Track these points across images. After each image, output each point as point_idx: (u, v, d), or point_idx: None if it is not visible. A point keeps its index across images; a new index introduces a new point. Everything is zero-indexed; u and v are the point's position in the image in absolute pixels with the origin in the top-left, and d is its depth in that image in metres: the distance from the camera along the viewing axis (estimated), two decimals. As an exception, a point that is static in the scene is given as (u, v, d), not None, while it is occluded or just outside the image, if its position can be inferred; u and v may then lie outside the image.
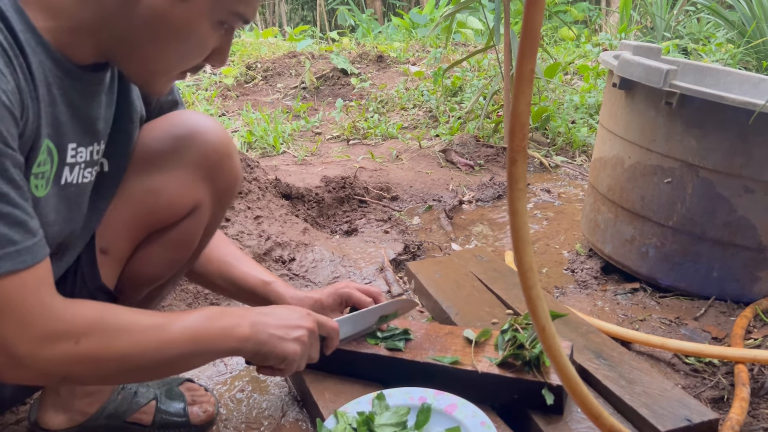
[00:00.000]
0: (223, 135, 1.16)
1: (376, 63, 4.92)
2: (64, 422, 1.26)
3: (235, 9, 0.92)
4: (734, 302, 1.81)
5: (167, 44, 0.91)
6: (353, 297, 1.36)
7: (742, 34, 4.65)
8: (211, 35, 0.93)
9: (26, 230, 0.82)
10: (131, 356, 0.93)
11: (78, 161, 0.98)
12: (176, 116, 1.17)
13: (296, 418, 1.40)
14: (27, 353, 0.83)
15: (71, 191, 0.99)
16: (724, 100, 1.61)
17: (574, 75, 4.46)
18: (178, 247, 1.18)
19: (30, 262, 0.82)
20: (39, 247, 0.84)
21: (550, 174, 3.04)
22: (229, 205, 1.26)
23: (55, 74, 0.89)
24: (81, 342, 0.87)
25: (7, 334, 0.82)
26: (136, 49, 0.92)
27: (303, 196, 2.48)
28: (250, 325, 1.05)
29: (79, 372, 0.90)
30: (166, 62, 0.94)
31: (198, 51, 0.94)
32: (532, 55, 0.72)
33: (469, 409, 1.21)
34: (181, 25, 0.90)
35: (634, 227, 1.90)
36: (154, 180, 1.11)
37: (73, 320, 0.88)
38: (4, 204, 0.79)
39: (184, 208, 1.14)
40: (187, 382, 1.40)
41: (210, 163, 1.14)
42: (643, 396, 1.26)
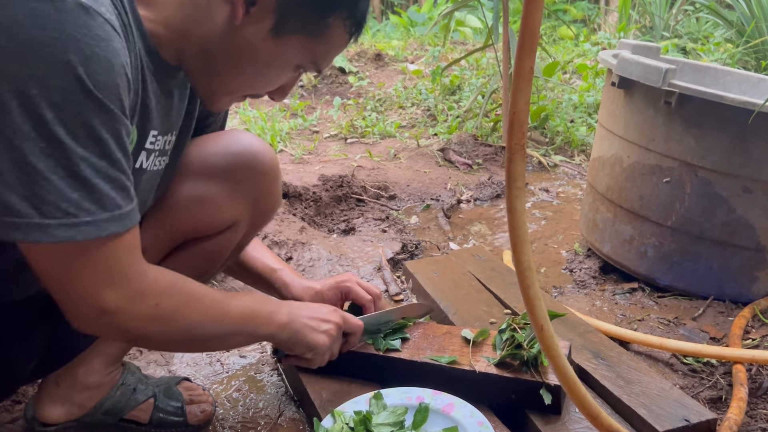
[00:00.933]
0: (274, 161, 1.23)
1: (375, 61, 4.91)
2: (62, 416, 1.26)
3: (315, 59, 0.99)
4: (732, 302, 1.81)
5: (245, 72, 0.98)
6: (353, 292, 1.40)
7: (740, 33, 4.65)
8: (286, 75, 1.01)
9: (128, 195, 0.88)
10: (198, 323, 1.00)
11: (155, 148, 1.03)
12: (235, 134, 1.23)
13: (293, 418, 1.39)
14: (116, 308, 0.89)
15: (144, 177, 1.03)
16: (723, 100, 1.60)
17: (572, 74, 4.46)
18: (209, 258, 1.23)
19: (129, 226, 0.88)
20: (136, 212, 0.90)
21: (549, 173, 3.03)
22: (263, 227, 1.33)
23: (146, 62, 0.94)
24: (161, 304, 0.94)
25: (101, 290, 0.88)
26: (214, 68, 0.97)
27: (300, 195, 2.47)
28: (288, 313, 1.13)
29: (154, 332, 0.95)
30: (236, 86, 1.01)
31: (268, 84, 1.01)
32: (531, 53, 0.71)
33: (466, 409, 1.21)
34: (265, 60, 0.96)
35: (633, 227, 1.89)
36: (203, 190, 1.17)
37: (156, 282, 0.94)
38: (115, 169, 0.85)
39: (224, 222, 1.19)
40: (185, 382, 1.40)
41: (258, 185, 1.21)
42: (641, 396, 1.26)
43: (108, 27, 0.81)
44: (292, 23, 0.94)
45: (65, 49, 0.77)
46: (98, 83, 0.80)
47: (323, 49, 0.99)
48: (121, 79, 0.83)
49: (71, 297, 0.88)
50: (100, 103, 0.81)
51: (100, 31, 0.80)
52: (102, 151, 0.83)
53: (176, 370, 1.55)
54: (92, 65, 0.79)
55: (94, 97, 0.80)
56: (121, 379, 1.30)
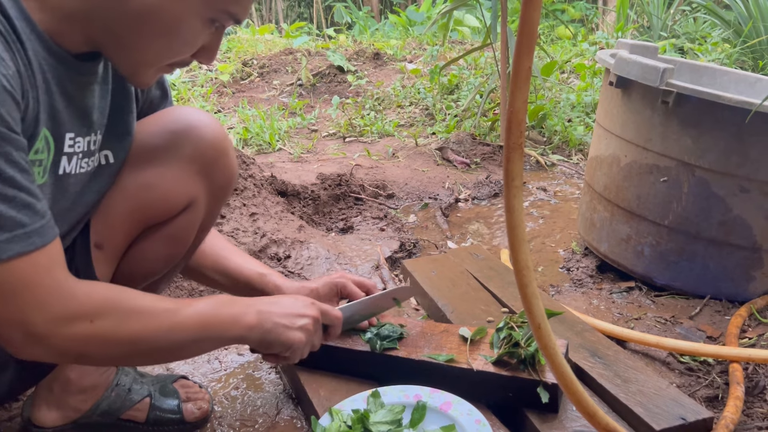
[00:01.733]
0: (219, 131, 1.16)
1: (373, 60, 4.91)
2: (58, 419, 1.25)
3: (226, 8, 0.92)
4: (729, 301, 1.82)
5: (156, 38, 0.91)
6: (347, 288, 1.37)
7: (738, 33, 4.66)
8: (201, 32, 0.94)
9: (34, 212, 0.83)
10: (143, 338, 0.95)
11: (76, 151, 0.99)
12: (172, 111, 1.17)
13: (291, 416, 1.39)
14: (44, 332, 0.85)
15: (70, 182, 0.99)
16: (721, 100, 1.61)
17: (570, 74, 4.47)
18: (174, 242, 1.18)
19: (39, 244, 0.84)
20: (48, 228, 0.86)
21: (547, 172, 3.04)
22: (224, 202, 1.27)
23: (48, 62, 0.90)
24: (96, 322, 0.89)
25: (25, 314, 0.84)
26: (125, 40, 0.92)
27: (299, 194, 2.47)
28: (257, 313, 1.07)
29: (93, 352, 0.92)
30: (153, 55, 0.94)
31: (186, 47, 0.94)
32: (529, 52, 0.71)
33: (464, 407, 1.21)
34: (172, 20, 0.90)
35: (630, 226, 1.90)
36: (149, 175, 1.11)
37: (88, 300, 0.90)
38: (9, 187, 0.80)
39: (179, 203, 1.14)
40: (182, 379, 1.40)
41: (206, 159, 1.14)
42: (638, 394, 1.26)
43: None
44: None
45: None
46: None
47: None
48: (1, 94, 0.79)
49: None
50: None
51: None
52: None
53: (174, 368, 1.55)
54: None
55: None
56: (116, 379, 1.29)
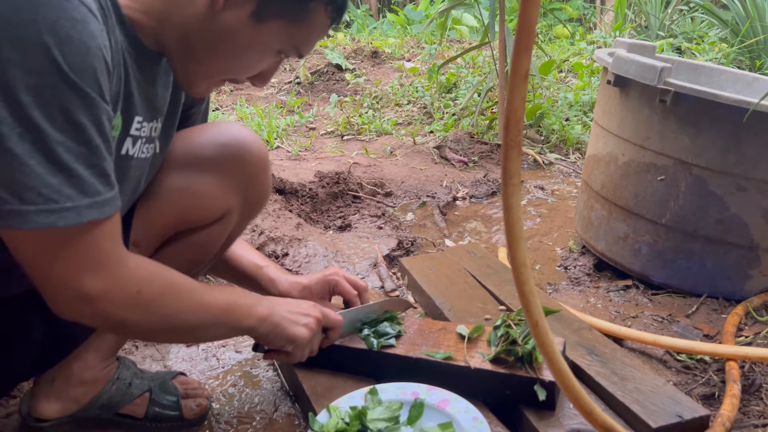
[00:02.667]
0: (263, 150, 1.22)
1: (371, 59, 4.91)
2: (57, 411, 1.26)
3: (297, 44, 0.99)
4: (726, 300, 1.82)
5: (224, 57, 0.97)
6: (340, 285, 1.40)
7: (735, 33, 4.67)
8: (267, 60, 1.00)
9: (109, 182, 0.87)
10: (178, 312, 1.00)
11: (141, 135, 1.02)
12: (223, 125, 1.23)
13: (288, 413, 1.40)
14: (96, 294, 0.89)
15: (130, 164, 1.02)
16: (718, 98, 1.61)
17: (568, 73, 4.47)
18: (201, 249, 1.23)
19: (110, 212, 0.88)
20: (116, 199, 0.89)
21: (544, 171, 3.04)
22: (254, 217, 1.33)
23: (126, 46, 0.93)
24: (143, 291, 0.94)
25: (81, 275, 0.87)
26: (195, 52, 0.97)
27: (297, 191, 2.47)
28: (268, 306, 1.14)
29: (133, 320, 0.95)
30: (216, 71, 1.00)
31: (249, 70, 1.01)
32: (527, 50, 0.72)
33: (461, 405, 1.22)
34: (246, 45, 0.96)
35: (628, 224, 1.90)
36: (194, 182, 1.16)
37: (137, 270, 0.94)
38: (96, 156, 0.84)
39: (215, 213, 1.19)
40: (181, 376, 1.40)
41: (247, 174, 1.20)
42: (635, 392, 1.26)
43: (83, 9, 0.80)
44: (274, 8, 0.93)
45: (39, 31, 0.76)
46: (74, 66, 0.79)
47: (305, 35, 0.98)
48: (98, 62, 0.82)
49: (52, 283, 0.88)
50: (76, 86, 0.80)
51: (76, 13, 0.79)
52: (80, 136, 0.82)
53: (172, 365, 1.56)
54: (67, 47, 0.78)
55: (70, 80, 0.79)
56: (117, 373, 1.30)
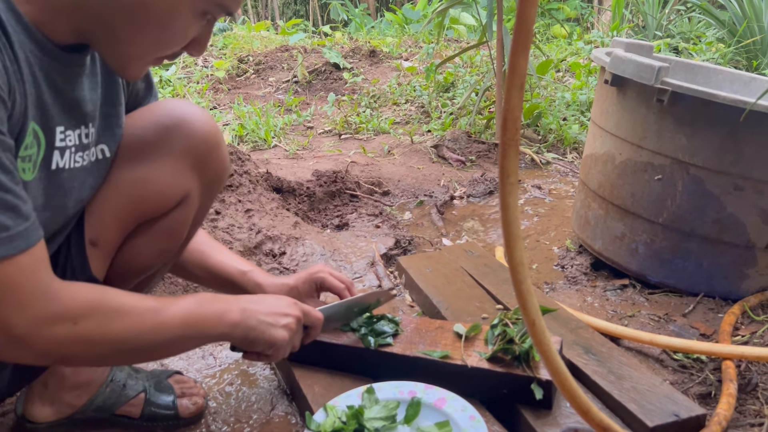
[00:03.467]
0: (210, 124, 1.16)
1: (369, 58, 4.91)
2: (52, 415, 1.25)
3: (220, 2, 0.92)
4: (722, 299, 1.82)
5: (147, 30, 0.90)
6: (326, 282, 1.37)
7: (732, 33, 4.68)
8: (193, 24, 0.93)
9: (18, 215, 0.82)
10: (128, 338, 0.94)
11: (68, 145, 0.97)
12: (163, 105, 1.16)
13: (285, 412, 1.39)
14: (27, 334, 0.84)
15: (64, 176, 0.98)
16: (715, 98, 1.61)
17: (566, 72, 4.47)
18: (168, 237, 1.17)
19: (23, 247, 0.83)
20: (32, 230, 0.85)
21: (541, 170, 3.04)
22: (216, 195, 1.27)
23: (35, 55, 0.88)
24: (79, 323, 0.89)
25: (7, 316, 0.83)
26: (114, 32, 0.91)
27: (294, 190, 2.47)
28: (241, 311, 1.07)
29: (76, 353, 0.92)
30: (144, 47, 0.93)
31: (178, 39, 0.94)
32: (525, 50, 0.72)
33: (458, 404, 1.22)
34: (164, 12, 0.89)
35: (625, 224, 1.90)
36: (142, 170, 1.10)
37: (72, 302, 0.89)
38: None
39: (173, 198, 1.13)
40: (177, 375, 1.40)
41: (198, 152, 1.14)
42: (632, 391, 1.26)
43: None
44: None
45: None
46: None
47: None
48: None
49: None
50: None
51: None
52: None
53: (168, 364, 1.55)
54: None
55: None
56: (110, 375, 1.29)
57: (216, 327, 1.04)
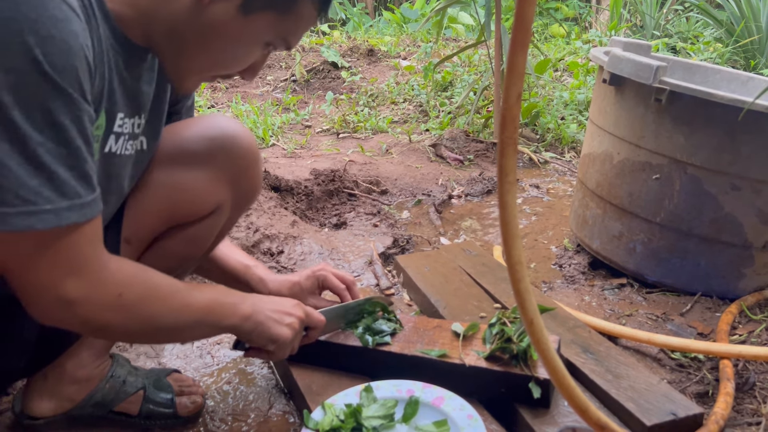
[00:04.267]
0: (252, 143, 1.21)
1: (367, 57, 4.91)
2: (51, 409, 1.25)
3: (285, 36, 0.98)
4: (720, 298, 1.83)
5: (214, 50, 0.96)
6: (328, 280, 1.41)
7: (730, 33, 4.68)
8: (256, 53, 0.99)
9: (90, 185, 0.86)
10: (160, 314, 0.99)
11: (123, 131, 1.01)
12: (212, 118, 1.22)
13: (283, 410, 1.39)
14: (77, 297, 0.88)
15: (114, 161, 1.01)
16: (713, 97, 1.62)
17: (564, 71, 4.47)
18: (194, 244, 1.22)
19: (90, 216, 0.87)
20: (98, 202, 0.89)
21: (539, 170, 3.05)
22: (246, 210, 1.32)
23: (110, 43, 0.92)
24: (124, 294, 0.93)
25: (61, 279, 0.86)
26: (184, 47, 0.95)
27: (292, 189, 2.47)
28: (251, 305, 1.12)
29: (115, 323, 0.95)
30: (205, 65, 0.98)
31: (238, 63, 0.99)
32: (523, 48, 0.72)
33: (456, 402, 1.22)
34: (233, 37, 0.94)
35: (622, 223, 1.91)
36: (184, 177, 1.15)
37: (119, 273, 0.94)
38: (76, 157, 0.83)
39: (206, 207, 1.18)
40: (175, 373, 1.40)
41: (237, 167, 1.19)
42: (630, 390, 1.27)
43: (65, 7, 0.79)
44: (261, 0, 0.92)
45: (20, 30, 0.75)
46: (55, 66, 0.78)
47: (292, 26, 0.97)
48: (80, 62, 0.81)
49: (31, 286, 0.87)
50: (58, 86, 0.79)
51: (57, 12, 0.78)
52: (61, 137, 0.81)
53: (166, 362, 1.55)
54: (48, 47, 0.77)
55: (51, 80, 0.78)
56: (110, 371, 1.29)
57: (230, 317, 1.09)
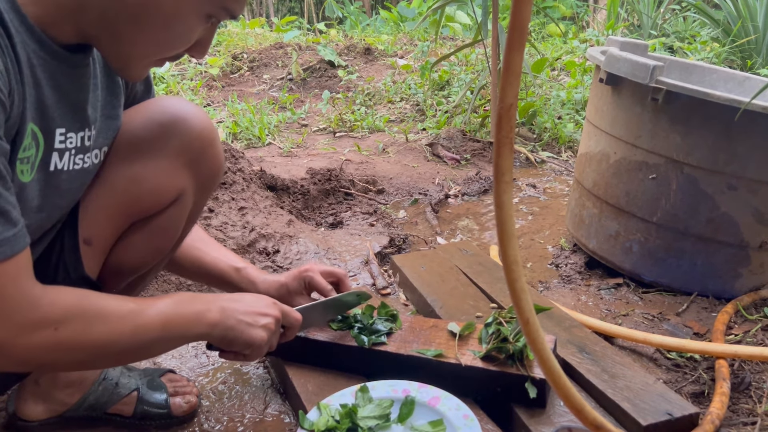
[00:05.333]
0: (206, 122, 1.15)
1: (364, 55, 4.90)
2: (44, 413, 1.24)
3: (224, 4, 0.92)
4: (716, 298, 1.83)
5: (152, 31, 0.90)
6: (314, 281, 1.37)
7: (727, 32, 4.69)
8: (197, 27, 0.93)
9: (7, 220, 0.82)
10: (108, 343, 0.93)
11: (68, 147, 0.97)
12: (159, 102, 1.15)
13: (279, 411, 1.39)
14: (6, 341, 0.83)
15: (62, 178, 0.97)
16: (710, 97, 1.61)
17: (561, 71, 4.47)
18: (162, 235, 1.17)
19: (9, 253, 0.82)
20: (19, 237, 0.84)
21: (536, 169, 3.04)
22: (211, 193, 1.26)
23: (39, 56, 0.88)
24: (60, 329, 0.88)
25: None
26: (119, 33, 0.90)
27: (288, 188, 2.46)
28: (220, 310, 1.07)
29: (57, 359, 0.91)
30: (147, 48, 0.93)
31: (181, 41, 0.93)
32: (520, 47, 0.71)
33: (452, 402, 1.21)
34: (170, 13, 0.88)
35: (619, 223, 1.90)
36: (137, 168, 1.10)
37: (52, 308, 0.88)
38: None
39: (167, 196, 1.13)
40: (170, 373, 1.39)
41: (193, 150, 1.13)
42: (626, 390, 1.27)
43: None
44: None
45: None
46: None
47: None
48: None
49: None
50: None
51: None
52: None
53: (161, 363, 1.55)
54: None
55: None
56: (103, 373, 1.28)
57: (195, 327, 1.04)
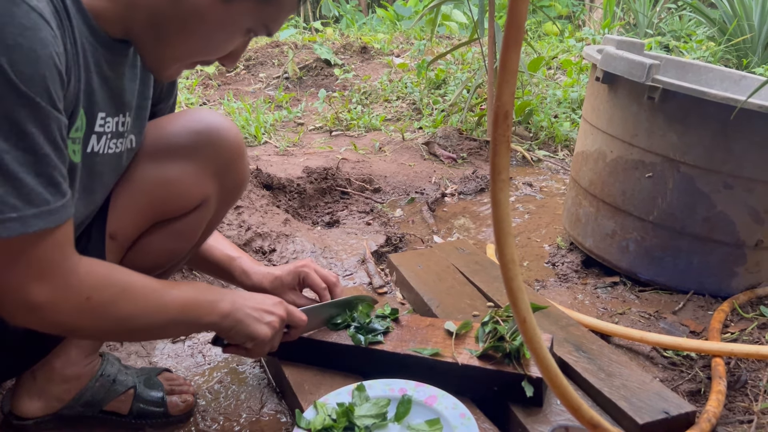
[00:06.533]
0: (238, 136, 1.21)
1: (360, 54, 4.89)
2: (40, 409, 1.24)
3: (266, 22, 0.98)
4: (712, 297, 1.83)
5: (195, 38, 0.95)
6: (309, 278, 1.40)
7: (723, 31, 4.70)
8: (237, 39, 0.99)
9: (59, 191, 0.87)
10: (131, 316, 0.99)
11: (106, 131, 1.01)
12: (197, 112, 1.21)
13: (275, 410, 1.39)
14: (44, 302, 0.89)
15: (96, 161, 1.02)
16: (706, 96, 1.62)
17: (557, 70, 4.47)
18: (181, 238, 1.21)
19: (58, 221, 0.87)
20: (67, 207, 0.89)
21: (533, 168, 3.05)
22: (233, 204, 1.32)
23: (90, 41, 0.93)
24: (93, 297, 0.93)
25: (28, 285, 0.87)
26: (164, 35, 0.95)
27: (284, 187, 2.46)
28: (231, 302, 1.12)
29: (84, 325, 0.96)
30: (186, 52, 0.98)
31: (219, 50, 0.99)
32: (516, 44, 0.71)
33: (449, 401, 1.21)
34: (214, 24, 0.94)
35: (615, 221, 1.91)
36: (169, 171, 1.15)
37: (87, 276, 0.94)
38: (44, 164, 0.84)
39: (192, 201, 1.18)
40: (166, 372, 1.39)
41: (223, 161, 1.19)
42: (622, 389, 1.27)
43: (34, 15, 0.79)
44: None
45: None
46: (22, 75, 0.78)
47: (273, 12, 0.97)
48: (49, 70, 0.81)
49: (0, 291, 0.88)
50: (24, 95, 0.79)
51: (25, 20, 0.78)
52: (28, 145, 0.81)
53: (157, 361, 1.54)
54: (15, 55, 0.77)
55: (17, 89, 0.78)
56: (100, 370, 1.28)
57: (208, 315, 1.09)
